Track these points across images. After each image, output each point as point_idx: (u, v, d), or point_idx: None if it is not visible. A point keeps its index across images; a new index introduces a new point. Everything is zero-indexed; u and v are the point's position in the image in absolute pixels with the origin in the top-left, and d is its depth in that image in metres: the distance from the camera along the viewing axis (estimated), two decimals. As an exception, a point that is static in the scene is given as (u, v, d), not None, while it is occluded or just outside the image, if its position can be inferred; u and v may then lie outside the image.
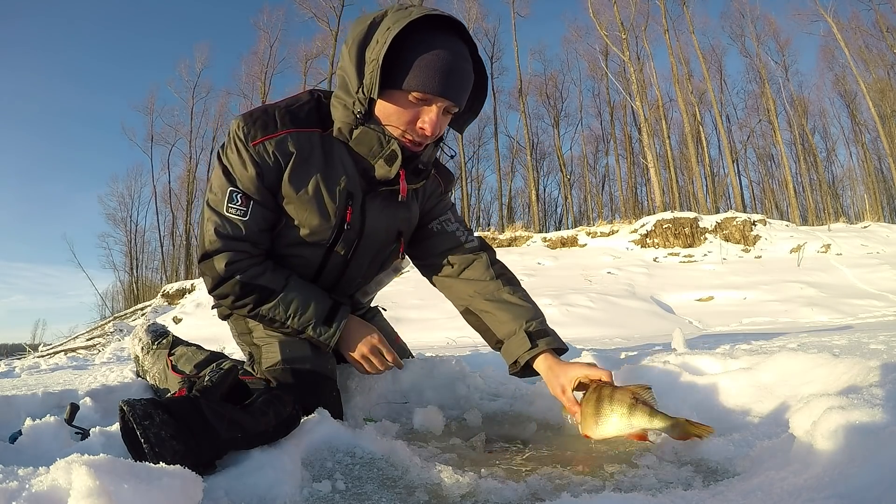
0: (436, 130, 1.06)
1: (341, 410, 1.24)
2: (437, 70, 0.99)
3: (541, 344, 1.17)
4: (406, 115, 1.04)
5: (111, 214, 28.39)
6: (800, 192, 24.33)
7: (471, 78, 1.08)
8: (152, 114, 26.65)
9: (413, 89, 1.01)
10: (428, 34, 1.00)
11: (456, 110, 1.08)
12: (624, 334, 5.16)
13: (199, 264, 1.15)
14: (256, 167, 1.08)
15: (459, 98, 1.06)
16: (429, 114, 1.04)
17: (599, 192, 28.66)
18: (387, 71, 1.00)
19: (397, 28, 0.97)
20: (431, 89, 1.00)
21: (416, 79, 1.00)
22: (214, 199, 1.12)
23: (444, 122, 1.09)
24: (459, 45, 1.04)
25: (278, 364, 1.20)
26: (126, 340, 10.01)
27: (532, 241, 12.56)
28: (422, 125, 1.05)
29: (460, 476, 0.82)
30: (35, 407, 1.32)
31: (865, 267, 8.26)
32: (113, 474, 0.54)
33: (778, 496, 0.62)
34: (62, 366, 3.55)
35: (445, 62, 1.00)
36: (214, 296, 1.18)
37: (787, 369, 1.11)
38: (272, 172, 1.10)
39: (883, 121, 20.44)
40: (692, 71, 23.03)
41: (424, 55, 0.99)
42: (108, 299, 26.80)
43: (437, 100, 1.03)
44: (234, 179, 1.09)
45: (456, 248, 1.33)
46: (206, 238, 1.12)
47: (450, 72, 1.01)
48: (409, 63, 1.00)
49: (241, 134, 1.07)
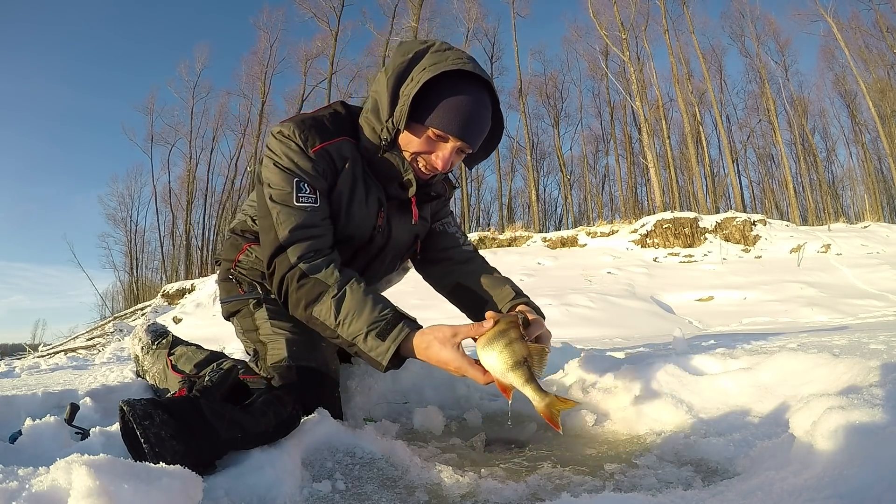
0: (446, 167, 1.16)
1: (341, 411, 1.24)
2: (457, 114, 1.10)
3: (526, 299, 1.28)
4: (423, 148, 1.15)
5: (111, 214, 28.41)
6: (800, 192, 24.35)
7: (487, 125, 1.18)
8: (152, 114, 26.67)
9: (434, 126, 1.11)
10: (458, 80, 1.11)
11: (469, 151, 1.18)
12: (624, 334, 5.16)
13: (272, 260, 1.13)
14: (319, 166, 1.16)
15: (474, 142, 1.16)
16: (443, 150, 1.15)
17: (599, 192, 28.69)
18: (415, 105, 1.10)
19: (430, 73, 1.08)
20: (450, 130, 1.11)
21: (438, 119, 1.11)
22: (280, 194, 1.13)
23: (456, 159, 1.19)
24: (483, 95, 1.14)
25: (283, 361, 1.21)
26: (126, 340, 10.00)
27: (532, 241, 12.56)
28: (435, 160, 1.16)
29: (460, 476, 0.82)
30: (35, 407, 1.32)
31: (865, 267, 8.26)
32: (113, 474, 0.54)
33: (778, 496, 0.62)
34: (62, 366, 3.55)
35: (467, 109, 1.11)
36: (277, 291, 1.14)
37: (787, 369, 1.11)
38: (330, 173, 1.18)
39: (883, 121, 20.44)
40: (692, 71, 23.07)
41: (449, 99, 1.10)
42: (108, 299, 26.83)
43: (453, 140, 1.13)
44: (300, 173, 1.14)
45: (454, 248, 1.45)
46: (279, 231, 1.12)
47: (469, 118, 1.11)
48: (435, 103, 1.10)
49: (299, 139, 1.14)
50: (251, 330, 1.33)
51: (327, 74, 22.52)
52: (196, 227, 26.54)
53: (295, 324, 1.28)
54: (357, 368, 1.56)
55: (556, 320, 6.08)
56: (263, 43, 24.89)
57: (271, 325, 1.28)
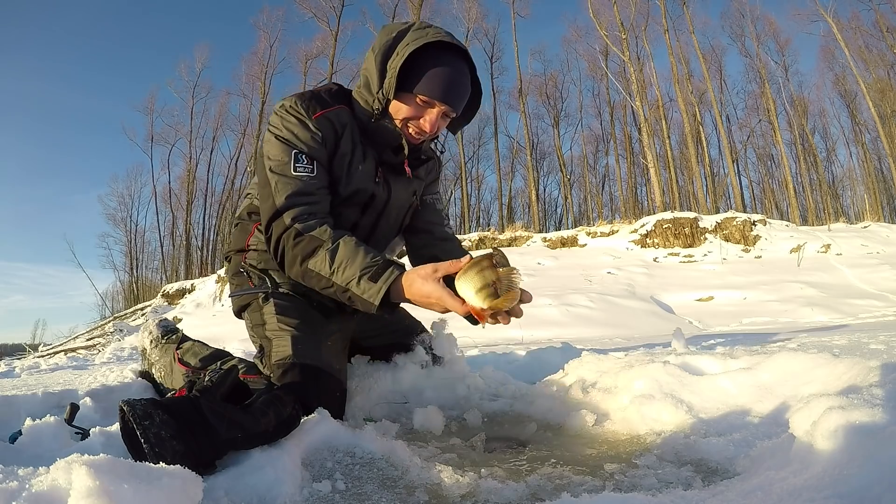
0: (434, 129, 1.28)
1: (343, 411, 1.25)
2: (441, 81, 1.22)
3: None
4: (412, 113, 1.27)
5: (111, 214, 28.37)
6: (800, 192, 24.34)
7: (468, 91, 1.30)
8: (152, 114, 26.65)
9: (421, 93, 1.23)
10: (438, 52, 1.23)
11: (453, 115, 1.30)
12: (624, 334, 5.16)
13: (270, 225, 1.21)
14: (319, 134, 1.24)
15: (456, 105, 1.28)
16: (430, 114, 1.26)
17: (599, 192, 28.68)
18: (402, 77, 1.22)
19: (414, 45, 1.20)
20: (435, 95, 1.23)
21: (424, 86, 1.22)
22: (278, 165, 1.21)
23: (441, 123, 1.31)
24: (461, 64, 1.27)
25: (287, 358, 1.23)
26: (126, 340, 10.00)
27: (532, 241, 12.55)
28: (423, 123, 1.27)
29: (460, 476, 0.82)
30: (35, 407, 1.32)
31: (865, 267, 8.26)
32: (113, 474, 0.54)
33: (778, 496, 0.62)
34: (62, 366, 3.55)
35: (448, 76, 1.23)
36: (274, 251, 1.22)
37: (787, 369, 1.11)
38: (330, 139, 1.27)
39: (883, 121, 20.44)
40: (692, 71, 23.06)
41: (433, 69, 1.22)
42: (108, 299, 26.78)
43: (438, 104, 1.25)
44: (298, 144, 1.22)
45: (437, 225, 1.57)
46: (276, 198, 1.20)
47: (451, 83, 1.24)
48: (420, 73, 1.22)
49: (300, 109, 1.24)
50: (259, 325, 1.36)
51: (327, 74, 22.50)
52: (196, 227, 26.56)
53: (302, 321, 1.32)
54: (357, 369, 1.56)
55: (556, 320, 6.08)
56: (263, 43, 24.92)
57: (278, 321, 1.31)
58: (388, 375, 1.51)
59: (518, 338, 5.25)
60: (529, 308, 1.05)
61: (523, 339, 5.14)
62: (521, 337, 5.32)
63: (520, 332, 5.50)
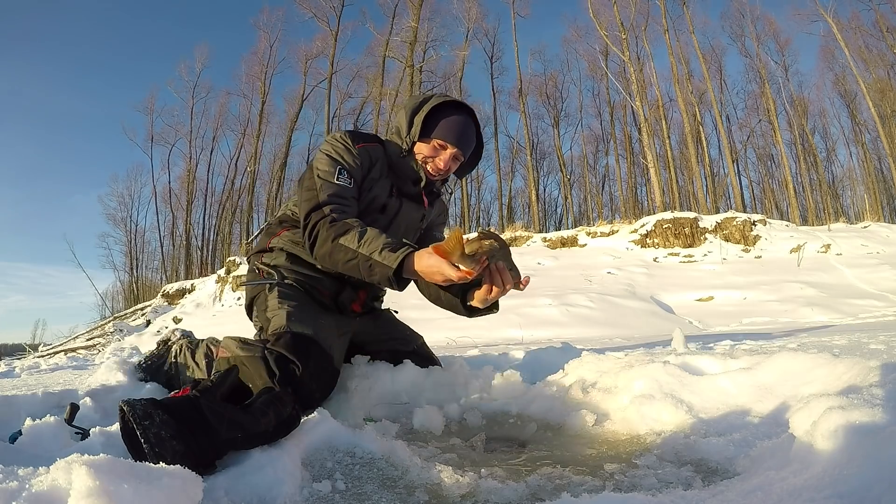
0: (447, 167, 1.58)
1: (330, 388, 1.38)
2: (453, 129, 1.56)
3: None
4: (430, 153, 1.57)
5: (111, 214, 28.32)
6: (800, 192, 24.32)
7: (473, 141, 1.62)
8: (152, 114, 26.59)
9: (437, 138, 1.55)
10: (451, 109, 1.57)
11: (462, 159, 1.61)
12: (624, 334, 5.16)
13: (310, 214, 1.44)
14: (359, 159, 1.54)
15: (465, 149, 1.60)
16: (444, 155, 1.57)
17: (599, 192, 28.66)
18: (424, 126, 1.55)
19: (435, 102, 1.56)
20: (448, 140, 1.55)
21: (440, 132, 1.55)
22: (325, 174, 1.49)
23: (453, 165, 1.61)
24: (468, 120, 1.60)
25: (281, 328, 1.37)
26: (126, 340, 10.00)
27: (532, 241, 12.56)
28: (439, 161, 1.57)
29: (460, 476, 0.82)
30: (35, 407, 1.32)
31: (865, 267, 8.27)
32: (113, 474, 0.54)
33: (778, 496, 0.62)
34: (62, 366, 3.55)
35: (459, 125, 1.56)
36: (308, 234, 1.43)
37: (787, 369, 1.11)
38: (366, 165, 1.57)
39: (883, 121, 20.42)
40: (692, 71, 23.03)
41: (447, 119, 1.56)
42: (108, 299, 26.74)
43: (450, 147, 1.56)
44: (343, 163, 1.51)
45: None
46: (320, 195, 1.45)
47: (460, 132, 1.57)
48: (437, 123, 1.55)
49: (348, 140, 1.56)
50: (263, 310, 1.52)
51: (327, 74, 22.49)
52: (196, 227, 26.54)
53: (299, 303, 1.50)
54: (357, 369, 1.56)
55: (556, 320, 6.08)
56: (263, 43, 24.86)
57: (278, 303, 1.49)
58: (387, 375, 1.51)
59: (518, 338, 5.25)
60: (529, 308, 1.06)
61: (523, 339, 5.14)
62: (521, 337, 5.32)
63: (520, 332, 5.50)
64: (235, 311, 10.87)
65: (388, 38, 20.75)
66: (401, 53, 20.43)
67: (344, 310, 1.62)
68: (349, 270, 1.36)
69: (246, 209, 23.88)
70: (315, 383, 1.27)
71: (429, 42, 21.59)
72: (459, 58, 22.67)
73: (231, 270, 12.70)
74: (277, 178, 24.91)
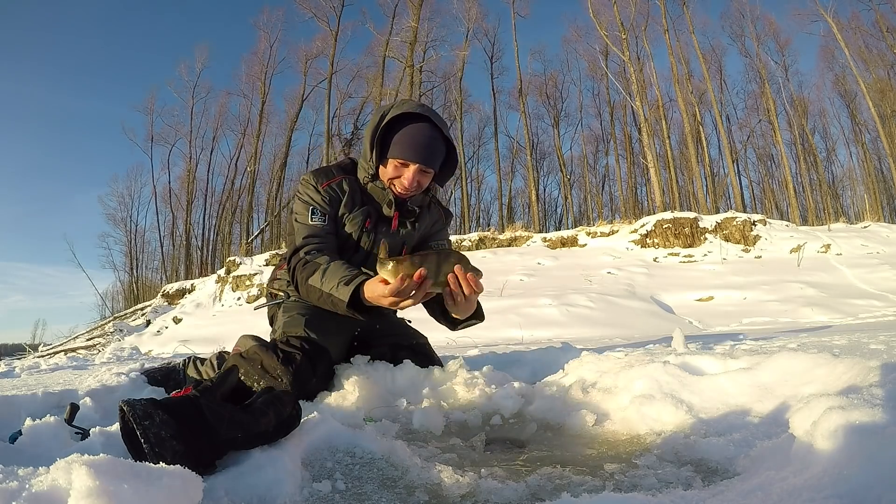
0: (412, 184, 1.56)
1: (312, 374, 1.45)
2: (408, 145, 1.52)
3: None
4: (393, 174, 1.57)
5: (111, 214, 28.30)
6: (800, 192, 24.31)
7: (436, 147, 1.55)
8: (152, 114, 26.57)
9: (393, 157, 1.54)
10: (406, 121, 1.53)
11: (430, 170, 1.57)
12: (624, 334, 5.16)
13: (290, 258, 1.58)
14: (327, 197, 1.63)
15: (426, 161, 1.54)
16: (406, 174, 1.55)
17: (599, 192, 28.64)
18: (383, 146, 1.56)
19: (382, 122, 1.53)
20: (406, 157, 1.53)
21: (395, 150, 1.53)
22: (301, 217, 1.62)
23: (422, 178, 1.58)
24: (426, 127, 1.53)
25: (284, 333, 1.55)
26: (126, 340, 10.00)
27: (532, 241, 12.56)
28: (403, 180, 1.56)
29: (460, 476, 0.82)
30: (35, 407, 1.32)
31: (865, 267, 8.26)
32: (113, 474, 0.54)
33: (778, 496, 0.62)
34: (62, 366, 3.55)
35: (413, 139, 1.52)
36: (291, 277, 1.56)
37: (787, 369, 1.11)
38: (336, 201, 1.64)
39: (883, 121, 20.42)
40: (692, 71, 23.02)
41: (401, 134, 1.52)
42: (108, 299, 26.74)
43: (410, 164, 1.54)
44: (314, 205, 1.62)
45: None
46: (297, 238, 1.59)
47: (416, 145, 1.52)
48: (392, 141, 1.53)
49: (313, 181, 1.64)
50: (275, 322, 1.76)
51: (327, 74, 22.48)
52: (196, 227, 26.54)
53: (301, 312, 1.63)
54: (356, 368, 1.56)
55: (556, 320, 6.08)
56: (263, 43, 24.85)
57: (284, 315, 1.67)
58: (387, 375, 1.51)
59: (518, 338, 5.24)
60: (530, 308, 1.06)
61: (523, 339, 5.14)
62: (521, 337, 5.32)
63: (520, 332, 5.50)
64: (235, 311, 10.87)
65: (388, 38, 20.76)
66: (401, 53, 20.45)
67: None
68: (323, 305, 1.47)
69: (246, 209, 23.89)
70: (311, 369, 1.44)
71: (429, 42, 21.62)
72: (459, 58, 22.70)
73: (231, 270, 12.69)
74: (277, 178, 24.94)
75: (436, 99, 24.22)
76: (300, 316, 1.61)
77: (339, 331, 1.66)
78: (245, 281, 12.17)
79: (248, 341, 1.52)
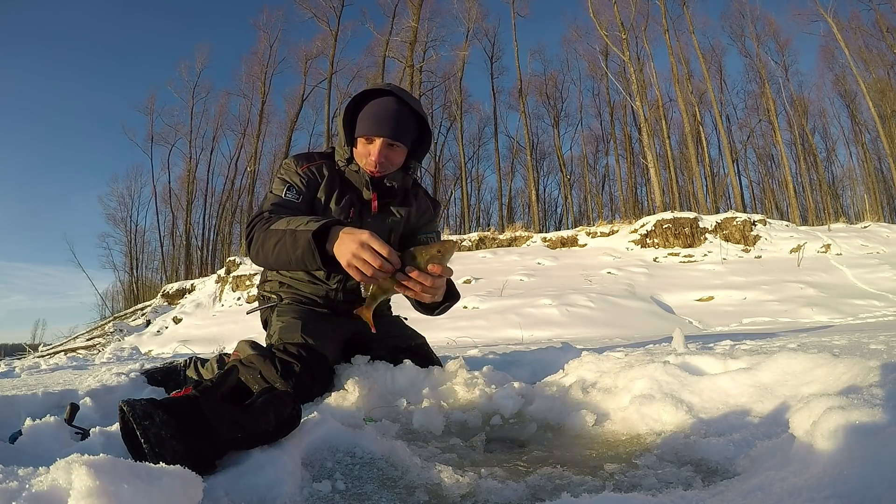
0: (381, 158, 1.55)
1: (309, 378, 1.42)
2: (370, 119, 1.53)
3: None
4: (363, 152, 1.58)
5: (111, 214, 28.33)
6: (800, 192, 24.32)
7: (401, 119, 1.54)
8: (152, 114, 26.62)
9: (359, 135, 1.56)
10: (370, 99, 1.55)
11: (397, 143, 1.56)
12: (624, 334, 5.16)
13: (252, 221, 1.50)
14: (305, 178, 1.63)
15: (394, 133, 1.53)
16: (373, 148, 1.55)
17: (599, 192, 28.66)
18: (351, 128, 1.58)
19: (346, 104, 1.57)
20: (369, 131, 1.54)
21: (360, 127, 1.55)
22: (277, 190, 1.60)
23: (390, 152, 1.57)
24: (390, 100, 1.54)
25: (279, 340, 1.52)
26: (126, 340, 10.00)
27: (532, 241, 12.56)
28: (370, 157, 1.56)
29: (460, 476, 0.82)
30: (35, 407, 1.32)
31: (865, 267, 8.26)
32: (113, 474, 0.54)
33: (778, 496, 0.62)
34: (62, 366, 3.55)
35: (375, 114, 1.53)
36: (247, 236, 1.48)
37: (787, 369, 1.11)
38: (314, 182, 1.65)
39: (883, 121, 20.42)
40: (692, 71, 23.04)
41: (363, 111, 1.55)
42: (108, 299, 26.76)
43: (375, 138, 1.54)
44: (291, 183, 1.61)
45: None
46: (265, 205, 1.55)
47: (382, 119, 1.52)
48: (358, 119, 1.56)
49: (293, 163, 1.65)
50: (269, 326, 1.73)
51: (327, 74, 22.52)
52: (196, 227, 26.56)
53: (295, 316, 1.62)
54: (356, 368, 1.56)
55: (556, 320, 6.08)
56: (263, 43, 24.90)
57: (278, 319, 1.65)
58: (387, 375, 1.51)
59: (518, 337, 5.25)
60: (529, 308, 1.06)
61: (523, 338, 5.14)
62: (521, 337, 5.32)
63: (520, 332, 5.50)
64: (235, 311, 10.87)
65: (388, 38, 20.76)
66: (401, 53, 20.45)
67: (342, 314, 1.74)
68: (278, 256, 1.33)
69: (246, 209, 23.91)
70: (311, 378, 1.41)
71: (429, 42, 21.64)
72: (459, 58, 22.72)
73: (231, 270, 12.70)
74: (277, 178, 24.88)
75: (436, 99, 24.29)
76: (295, 320, 1.58)
77: (335, 333, 1.65)
78: (245, 281, 12.16)
79: (247, 348, 1.47)
